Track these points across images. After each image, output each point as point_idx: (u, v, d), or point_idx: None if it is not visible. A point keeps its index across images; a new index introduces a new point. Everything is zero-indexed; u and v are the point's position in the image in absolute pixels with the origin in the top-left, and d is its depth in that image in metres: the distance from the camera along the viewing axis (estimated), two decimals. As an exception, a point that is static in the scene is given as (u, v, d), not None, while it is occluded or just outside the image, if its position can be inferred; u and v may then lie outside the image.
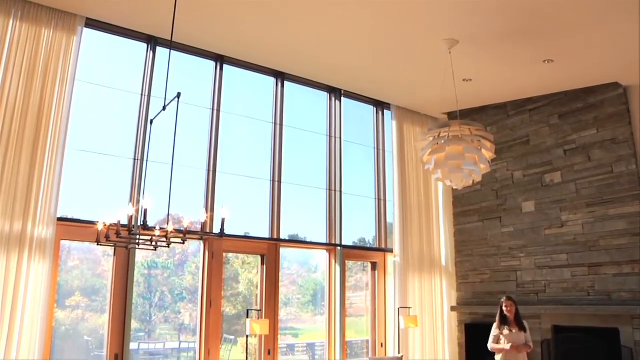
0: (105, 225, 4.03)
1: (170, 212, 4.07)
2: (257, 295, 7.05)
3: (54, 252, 5.27)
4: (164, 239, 3.86)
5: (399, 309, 7.56)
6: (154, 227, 4.09)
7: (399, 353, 7.43)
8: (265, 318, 6.63)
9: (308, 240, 7.67)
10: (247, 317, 6.24)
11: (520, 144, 7.95)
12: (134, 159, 6.17)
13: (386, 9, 5.48)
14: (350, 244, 7.94)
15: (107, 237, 4.02)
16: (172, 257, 6.94)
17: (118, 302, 5.80)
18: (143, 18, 5.96)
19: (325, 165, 7.90)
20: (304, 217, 7.72)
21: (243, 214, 6.97)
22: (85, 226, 5.47)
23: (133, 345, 6.11)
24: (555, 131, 7.55)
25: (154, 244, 3.95)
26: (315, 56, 6.87)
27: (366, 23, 5.83)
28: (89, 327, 5.96)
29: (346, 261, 7.77)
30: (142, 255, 6.43)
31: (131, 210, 4.60)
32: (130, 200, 5.98)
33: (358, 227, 8.20)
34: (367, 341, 8.00)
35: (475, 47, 6.17)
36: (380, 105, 8.59)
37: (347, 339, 7.55)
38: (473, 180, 5.70)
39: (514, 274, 7.69)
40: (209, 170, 6.72)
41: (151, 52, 6.46)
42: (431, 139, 5.79)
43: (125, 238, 4.07)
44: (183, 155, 5.70)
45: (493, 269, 7.98)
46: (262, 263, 7.04)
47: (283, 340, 7.37)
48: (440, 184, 8.57)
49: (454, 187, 5.81)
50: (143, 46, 6.47)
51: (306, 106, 8.15)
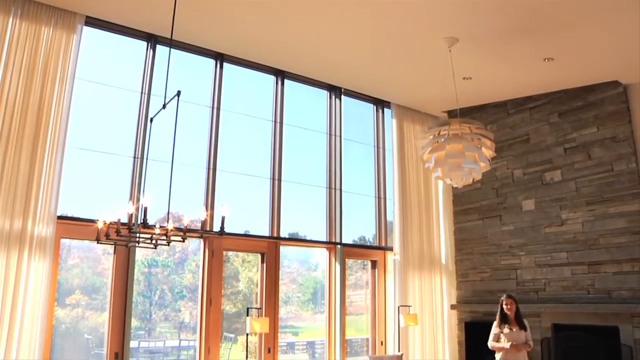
0: (105, 223, 4.04)
1: (170, 210, 4.07)
2: (257, 293, 7.06)
3: (54, 251, 5.27)
4: (164, 237, 3.87)
5: (398, 307, 7.56)
6: (154, 225, 4.10)
7: (398, 351, 7.44)
8: (265, 316, 6.63)
9: (308, 238, 7.67)
10: (247, 315, 6.25)
11: (520, 142, 7.95)
12: (134, 157, 6.17)
13: (386, 8, 5.47)
14: (350, 242, 7.95)
15: (107, 235, 4.03)
16: (172, 255, 6.95)
17: (118, 300, 5.80)
18: (143, 16, 5.96)
19: (325, 163, 7.90)
20: (304, 215, 7.72)
21: (243, 212, 6.98)
22: (85, 224, 5.47)
23: (133, 344, 6.12)
24: (555, 129, 7.55)
25: (154, 242, 3.95)
26: (315, 54, 6.86)
27: (366, 21, 5.83)
28: (89, 325, 5.97)
29: (346, 259, 7.77)
30: (142, 254, 6.43)
31: (131, 209, 4.60)
32: (130, 199, 5.98)
33: (358, 225, 8.21)
34: (367, 339, 8.00)
35: (475, 46, 6.16)
36: (380, 104, 8.58)
37: (347, 337, 7.56)
38: (473, 179, 5.70)
39: (514, 272, 7.69)
40: (209, 169, 6.72)
41: (151, 50, 6.46)
42: (431, 137, 5.79)
43: (125, 236, 4.08)
44: (183, 154, 5.69)
45: (493, 267, 7.98)
46: (262, 261, 7.04)
47: (283, 339, 7.38)
48: (440, 182, 8.57)
49: (454, 186, 5.81)
50: (143, 44, 6.47)
51: (306, 104, 8.15)
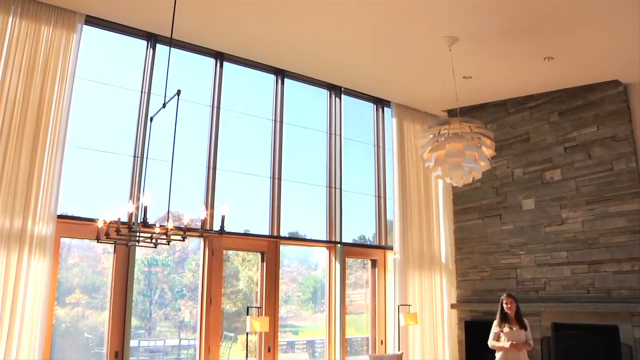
0: (105, 222, 4.04)
1: (170, 210, 4.07)
2: (257, 292, 7.06)
3: (54, 250, 5.27)
4: (164, 236, 3.86)
5: (398, 306, 7.56)
6: (154, 225, 4.10)
7: (398, 350, 7.44)
8: (265, 315, 6.64)
9: (308, 237, 7.67)
10: (247, 315, 6.25)
11: (520, 142, 7.95)
12: (134, 157, 6.17)
13: (386, 7, 5.47)
14: (350, 241, 7.95)
15: (107, 235, 4.03)
16: (172, 254, 6.95)
17: (118, 299, 5.80)
18: (143, 15, 5.95)
19: (325, 162, 7.90)
20: (304, 214, 7.72)
21: (243, 211, 6.98)
22: (85, 223, 5.48)
23: (133, 343, 6.12)
24: (555, 128, 7.55)
25: (154, 241, 3.95)
26: (315, 53, 6.86)
27: (366, 20, 5.82)
28: (89, 324, 5.97)
29: (346, 258, 7.77)
30: (142, 253, 6.43)
31: (131, 208, 4.60)
32: (130, 198, 5.98)
33: (358, 225, 8.21)
34: (367, 338, 8.01)
35: (475, 45, 6.16)
36: (380, 103, 8.58)
37: (347, 336, 7.56)
38: (473, 178, 5.70)
39: (514, 272, 7.69)
40: (209, 168, 6.72)
41: (151, 50, 6.46)
42: (431, 136, 5.79)
43: (125, 235, 4.08)
44: (183, 153, 5.70)
45: (493, 267, 7.98)
46: (262, 260, 7.05)
47: (283, 338, 7.38)
48: (440, 182, 8.57)
49: (454, 185, 5.81)
50: (143, 43, 6.47)
51: (306, 103, 8.14)
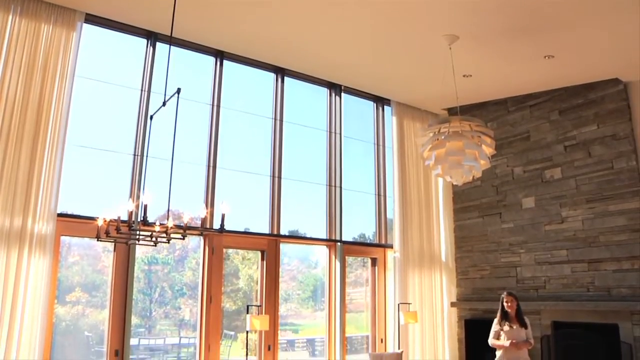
0: (105, 221, 4.04)
1: (170, 208, 4.07)
2: (257, 290, 7.06)
3: (54, 248, 5.27)
4: (164, 235, 3.87)
5: (398, 304, 7.57)
6: (154, 223, 4.10)
7: (398, 349, 7.44)
8: (265, 314, 6.64)
9: (308, 236, 7.67)
10: (247, 313, 6.25)
11: (520, 140, 7.94)
12: (134, 155, 6.17)
13: (386, 5, 5.46)
14: (350, 239, 7.95)
15: (107, 233, 4.03)
16: (172, 252, 6.95)
17: (118, 297, 5.81)
18: (143, 13, 5.94)
19: (325, 160, 7.90)
20: (304, 212, 7.72)
21: (243, 210, 6.98)
22: (85, 222, 5.48)
23: (133, 341, 6.13)
24: (555, 127, 7.54)
25: (154, 239, 3.95)
26: (315, 52, 6.85)
27: (367, 19, 5.81)
28: (89, 322, 5.97)
29: (346, 257, 7.77)
30: (142, 251, 6.43)
31: (131, 206, 4.60)
32: (130, 196, 5.98)
33: (358, 223, 8.21)
34: (367, 337, 8.01)
35: (475, 43, 6.15)
36: (380, 101, 8.57)
37: (347, 335, 7.57)
38: (473, 176, 5.69)
39: (514, 270, 7.69)
40: (208, 166, 6.72)
41: (151, 48, 6.45)
42: (431, 134, 5.78)
43: (125, 234, 4.08)
44: (183, 151, 5.70)
45: (493, 265, 7.98)
46: (262, 259, 7.05)
47: (283, 336, 7.39)
48: (440, 180, 8.56)
49: (454, 183, 5.80)
50: (143, 42, 6.46)
51: (306, 102, 8.14)
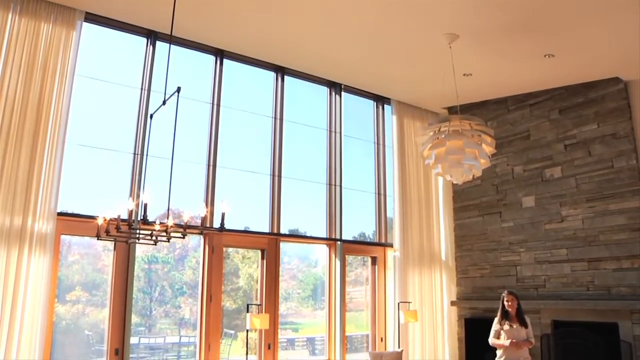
0: (105, 219, 4.04)
1: (170, 207, 4.08)
2: (257, 289, 7.06)
3: (54, 247, 5.27)
4: (164, 234, 3.87)
5: (398, 303, 7.57)
6: (154, 222, 4.10)
7: (398, 347, 7.45)
8: (265, 312, 6.64)
9: (308, 234, 7.67)
10: (247, 312, 6.25)
11: (520, 139, 7.94)
12: (134, 154, 6.17)
13: (387, 4, 5.46)
14: (350, 238, 7.95)
15: (107, 232, 4.03)
16: (172, 251, 6.95)
17: (118, 296, 5.81)
18: (143, 12, 5.94)
19: (326, 159, 7.89)
20: (304, 211, 7.72)
21: (243, 209, 6.97)
22: (86, 221, 5.48)
23: (133, 340, 6.13)
24: (555, 126, 7.54)
25: (154, 238, 3.95)
26: (315, 51, 6.85)
27: (367, 18, 5.81)
28: (90, 321, 5.98)
29: (346, 256, 7.77)
30: (142, 250, 6.43)
31: (131, 205, 4.60)
32: (130, 195, 5.98)
33: (358, 222, 8.21)
34: (367, 336, 8.02)
35: (475, 42, 6.15)
36: (380, 100, 8.57)
37: (347, 334, 7.57)
38: (473, 175, 5.69)
39: (514, 269, 7.69)
40: (209, 165, 6.71)
41: (151, 47, 6.44)
42: (431, 133, 5.78)
43: (125, 233, 4.07)
44: (183, 150, 5.69)
45: (493, 264, 7.99)
46: (262, 257, 7.05)
47: (283, 335, 7.39)
48: (441, 179, 8.56)
49: (454, 182, 5.80)
50: (143, 40, 6.45)
51: (306, 101, 8.13)
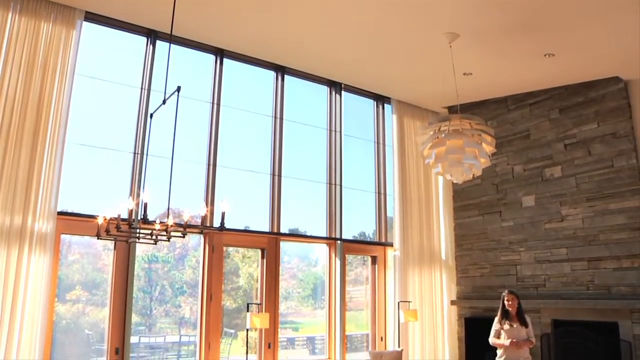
0: (105, 219, 4.04)
1: (170, 206, 4.08)
2: (257, 289, 7.06)
3: (54, 246, 5.27)
4: (164, 233, 3.87)
5: (398, 302, 7.57)
6: (154, 221, 4.10)
7: (398, 347, 7.45)
8: (265, 312, 6.65)
9: (308, 234, 7.67)
10: (248, 311, 6.25)
11: (520, 138, 7.94)
12: (134, 153, 6.17)
13: (387, 4, 5.46)
14: (350, 237, 7.95)
15: (107, 231, 4.03)
16: (173, 251, 6.95)
17: (118, 296, 5.81)
18: (143, 12, 5.94)
19: (326, 159, 7.89)
20: (304, 211, 7.72)
21: (243, 208, 6.98)
22: (86, 220, 5.47)
23: (134, 339, 6.14)
24: (555, 125, 7.54)
25: (154, 237, 3.95)
26: (315, 50, 6.85)
27: (367, 17, 5.81)
28: (90, 320, 5.98)
29: (346, 255, 7.78)
30: (142, 249, 6.43)
31: (131, 204, 4.60)
32: (131, 194, 5.98)
33: (358, 221, 8.21)
34: (367, 335, 8.02)
35: (475, 41, 6.15)
36: (380, 99, 8.57)
37: (347, 333, 7.57)
38: (473, 174, 5.69)
39: (514, 268, 7.70)
40: (209, 164, 6.72)
41: (151, 46, 6.44)
42: (431, 132, 5.78)
43: (125, 232, 4.07)
44: (183, 149, 5.69)
45: (493, 263, 7.99)
46: (262, 257, 7.05)
47: (283, 334, 7.39)
48: (441, 178, 8.56)
49: (454, 181, 5.81)
50: (143, 40, 6.45)
51: (306, 100, 8.13)
